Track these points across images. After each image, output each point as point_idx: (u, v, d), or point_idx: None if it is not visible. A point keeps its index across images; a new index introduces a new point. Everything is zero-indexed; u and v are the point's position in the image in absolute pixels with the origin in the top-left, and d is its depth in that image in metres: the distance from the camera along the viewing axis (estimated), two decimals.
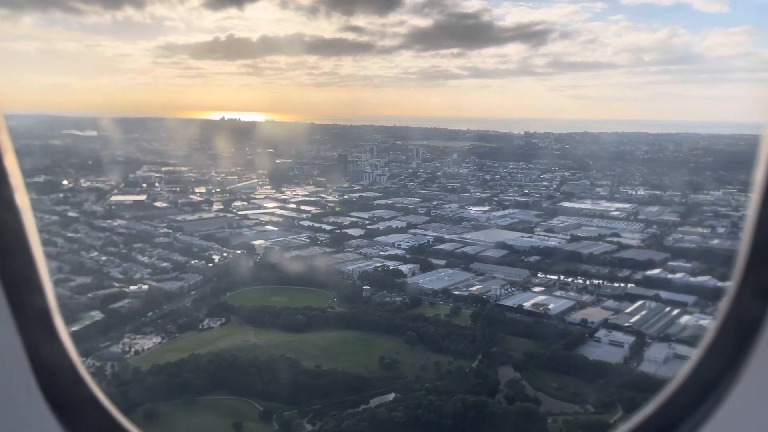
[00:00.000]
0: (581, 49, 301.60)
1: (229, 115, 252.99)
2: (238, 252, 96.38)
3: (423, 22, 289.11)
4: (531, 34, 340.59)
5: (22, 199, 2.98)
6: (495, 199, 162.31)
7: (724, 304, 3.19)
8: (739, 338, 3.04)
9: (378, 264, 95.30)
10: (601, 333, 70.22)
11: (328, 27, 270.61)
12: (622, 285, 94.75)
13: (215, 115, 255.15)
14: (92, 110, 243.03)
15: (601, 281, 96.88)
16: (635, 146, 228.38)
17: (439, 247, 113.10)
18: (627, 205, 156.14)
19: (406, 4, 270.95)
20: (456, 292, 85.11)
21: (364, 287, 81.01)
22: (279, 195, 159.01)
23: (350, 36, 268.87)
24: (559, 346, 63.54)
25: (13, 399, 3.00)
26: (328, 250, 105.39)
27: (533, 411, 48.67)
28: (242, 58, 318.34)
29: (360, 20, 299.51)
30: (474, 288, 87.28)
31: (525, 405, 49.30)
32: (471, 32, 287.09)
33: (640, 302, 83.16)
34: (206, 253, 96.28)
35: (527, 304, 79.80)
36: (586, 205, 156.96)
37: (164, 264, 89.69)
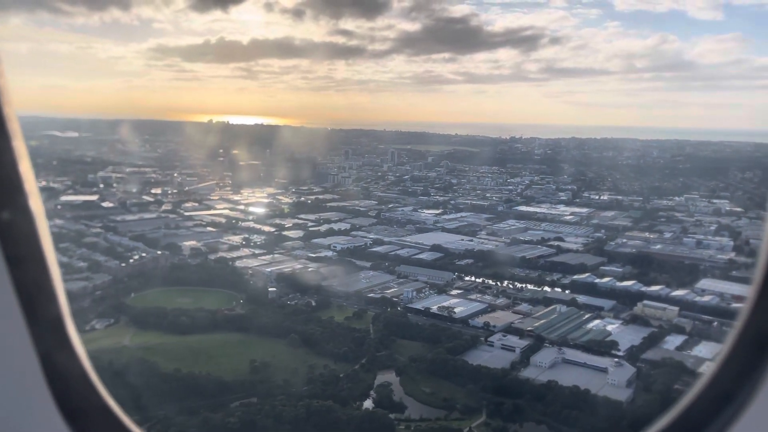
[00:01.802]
0: (573, 55, 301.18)
1: (219, 118, 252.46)
2: (159, 252, 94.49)
3: (411, 27, 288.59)
4: (521, 40, 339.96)
5: (36, 205, 2.89)
6: (452, 202, 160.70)
7: (741, 316, 3.09)
8: (757, 350, 2.95)
9: (300, 266, 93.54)
10: (496, 337, 68.38)
11: (317, 30, 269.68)
12: (544, 288, 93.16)
13: (207, 118, 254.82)
14: (86, 112, 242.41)
15: (523, 285, 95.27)
16: (618, 152, 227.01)
17: (374, 249, 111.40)
18: (584, 210, 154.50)
19: (394, 9, 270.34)
20: (370, 295, 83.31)
21: (270, 289, 79.15)
22: (234, 197, 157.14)
23: (340, 39, 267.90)
24: (444, 350, 61.70)
25: (26, 405, 2.97)
26: (257, 251, 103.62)
27: (380, 417, 46.79)
28: (235, 61, 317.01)
29: (348, 24, 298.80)
30: (390, 290, 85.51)
31: (374, 411, 47.53)
32: (461, 37, 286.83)
33: (552, 306, 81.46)
34: (128, 254, 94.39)
35: (435, 307, 78.01)
36: (542, 209, 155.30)
37: (81, 264, 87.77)
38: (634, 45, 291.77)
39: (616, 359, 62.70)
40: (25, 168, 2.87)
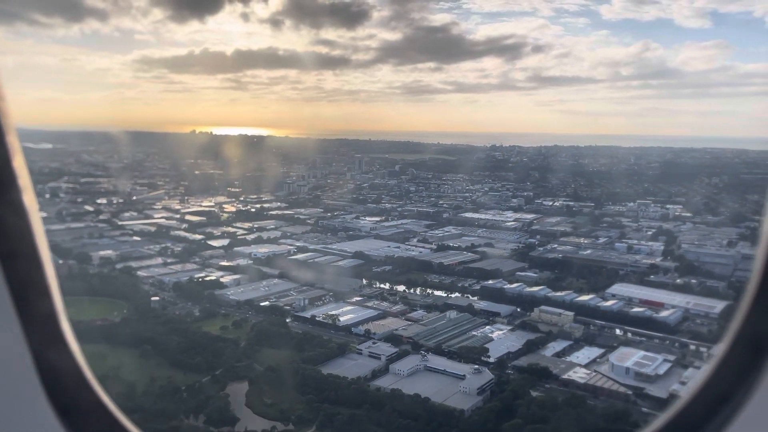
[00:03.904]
0: (559, 63, 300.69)
1: (204, 129, 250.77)
2: (61, 262, 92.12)
3: (392, 36, 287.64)
4: (504, 48, 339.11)
5: (29, 200, 2.86)
6: (399, 209, 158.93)
7: (737, 318, 3.04)
8: (753, 352, 2.95)
9: (202, 275, 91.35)
10: (366, 345, 66.20)
11: (299, 40, 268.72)
12: (450, 294, 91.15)
13: (190, 129, 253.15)
14: (78, 125, 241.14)
15: (431, 291, 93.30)
16: (595, 159, 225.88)
17: (295, 257, 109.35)
18: (530, 216, 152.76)
19: (373, 18, 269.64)
20: (264, 303, 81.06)
21: (153, 298, 76.90)
22: (177, 205, 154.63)
23: (323, 49, 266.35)
24: (300, 360, 59.53)
25: (18, 403, 2.90)
26: (170, 260, 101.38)
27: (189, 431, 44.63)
28: (222, 72, 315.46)
29: (329, 33, 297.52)
30: (286, 298, 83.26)
31: (182, 425, 45.26)
32: (443, 46, 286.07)
33: (443, 313, 79.38)
34: None
35: (321, 315, 75.86)
36: (488, 215, 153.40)
37: None
38: (622, 53, 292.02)
39: (476, 366, 60.54)
40: (19, 163, 2.79)
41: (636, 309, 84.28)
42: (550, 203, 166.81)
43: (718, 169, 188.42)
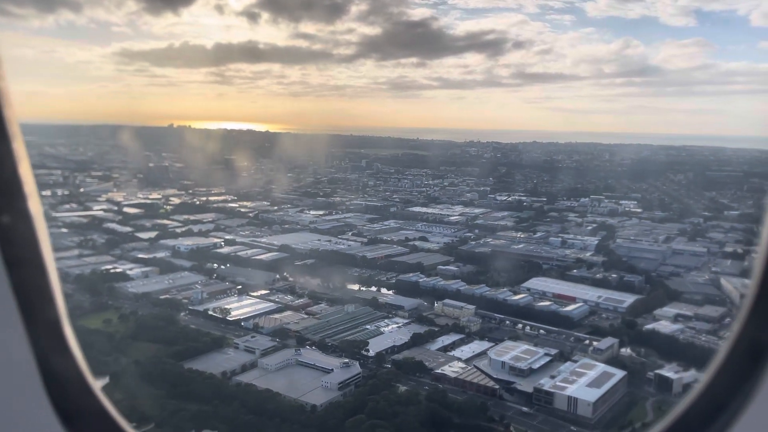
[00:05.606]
0: (541, 60, 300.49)
1: (182, 123, 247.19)
2: None
3: (372, 31, 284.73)
4: (485, 44, 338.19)
5: (35, 207, 2.82)
6: (347, 203, 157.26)
7: (736, 324, 2.96)
8: (752, 358, 2.90)
9: (109, 267, 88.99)
10: (244, 339, 64.27)
11: (278, 34, 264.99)
12: (362, 288, 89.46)
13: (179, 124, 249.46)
14: (65, 118, 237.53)
15: (344, 284, 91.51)
16: (568, 156, 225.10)
17: (219, 250, 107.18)
18: (477, 210, 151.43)
19: (351, 12, 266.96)
20: (164, 297, 78.88)
21: None
22: (119, 198, 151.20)
23: (303, 43, 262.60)
24: (165, 354, 57.61)
25: (22, 408, 2.88)
26: (87, 252, 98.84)
27: None
28: (205, 65, 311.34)
29: (308, 27, 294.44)
30: (188, 292, 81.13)
31: None
32: (424, 41, 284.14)
33: (340, 306, 77.69)
34: None
35: (213, 309, 73.86)
36: (435, 210, 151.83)
37: None
38: (605, 51, 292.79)
39: (345, 360, 58.93)
40: (25, 170, 2.76)
41: (543, 303, 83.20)
42: (504, 198, 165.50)
43: (687, 167, 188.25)
